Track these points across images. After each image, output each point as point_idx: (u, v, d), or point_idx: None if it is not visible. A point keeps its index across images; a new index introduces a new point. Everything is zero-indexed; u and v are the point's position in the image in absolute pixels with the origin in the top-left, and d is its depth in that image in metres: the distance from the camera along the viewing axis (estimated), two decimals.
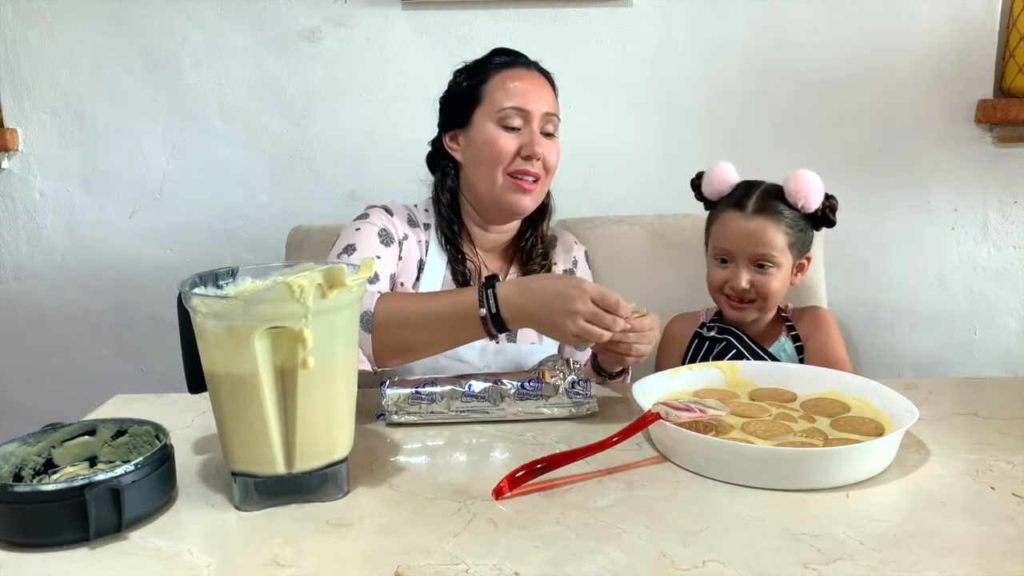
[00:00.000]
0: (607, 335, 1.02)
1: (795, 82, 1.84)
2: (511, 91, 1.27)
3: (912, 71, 1.82)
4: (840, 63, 1.82)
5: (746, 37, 1.82)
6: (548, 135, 1.30)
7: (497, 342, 1.22)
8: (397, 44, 1.83)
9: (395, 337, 1.08)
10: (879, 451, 0.88)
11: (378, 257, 1.25)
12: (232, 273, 0.88)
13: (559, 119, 1.32)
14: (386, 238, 1.28)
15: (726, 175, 1.35)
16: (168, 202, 1.91)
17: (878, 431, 0.94)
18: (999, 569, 0.69)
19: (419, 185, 1.85)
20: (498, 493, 0.83)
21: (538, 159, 1.27)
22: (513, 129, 1.27)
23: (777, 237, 1.29)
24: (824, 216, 1.32)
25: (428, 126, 1.84)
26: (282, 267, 0.89)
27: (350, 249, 1.25)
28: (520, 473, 0.85)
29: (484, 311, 1.05)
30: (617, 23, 1.82)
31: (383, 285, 1.23)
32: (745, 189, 1.33)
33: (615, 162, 1.86)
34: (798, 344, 1.36)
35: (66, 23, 1.82)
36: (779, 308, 1.40)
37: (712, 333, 1.39)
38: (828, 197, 1.32)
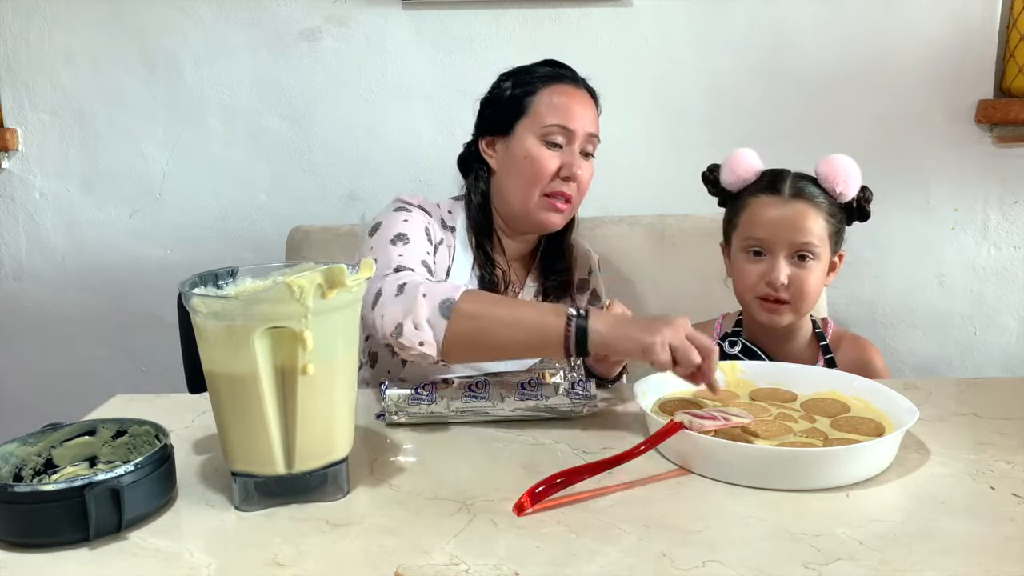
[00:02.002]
0: (697, 360, 0.94)
1: (795, 82, 1.84)
2: (558, 107, 1.24)
3: (912, 71, 1.82)
4: (840, 63, 1.82)
5: (746, 37, 1.82)
6: (587, 155, 1.27)
7: (571, 364, 1.12)
8: (397, 44, 1.83)
9: (473, 326, 1.01)
10: (879, 451, 0.88)
11: (428, 253, 1.22)
12: (232, 273, 0.88)
13: (599, 140, 1.30)
14: (429, 237, 1.25)
15: (750, 161, 1.25)
16: (168, 202, 1.91)
17: (878, 431, 0.94)
18: (999, 569, 0.69)
19: (419, 185, 1.86)
20: (519, 509, 0.80)
21: (575, 180, 1.25)
22: (555, 146, 1.24)
23: (818, 224, 1.18)
24: (860, 207, 1.21)
25: (428, 126, 1.85)
26: (282, 267, 0.89)
27: (403, 239, 1.19)
28: (540, 488, 0.82)
29: (572, 312, 0.99)
30: (617, 23, 1.82)
31: None
32: (775, 174, 1.23)
33: (615, 162, 1.85)
34: None
35: (66, 23, 1.82)
36: (813, 323, 1.31)
37: (735, 350, 1.29)
38: (863, 187, 1.22)
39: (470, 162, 1.35)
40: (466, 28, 1.82)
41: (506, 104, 1.28)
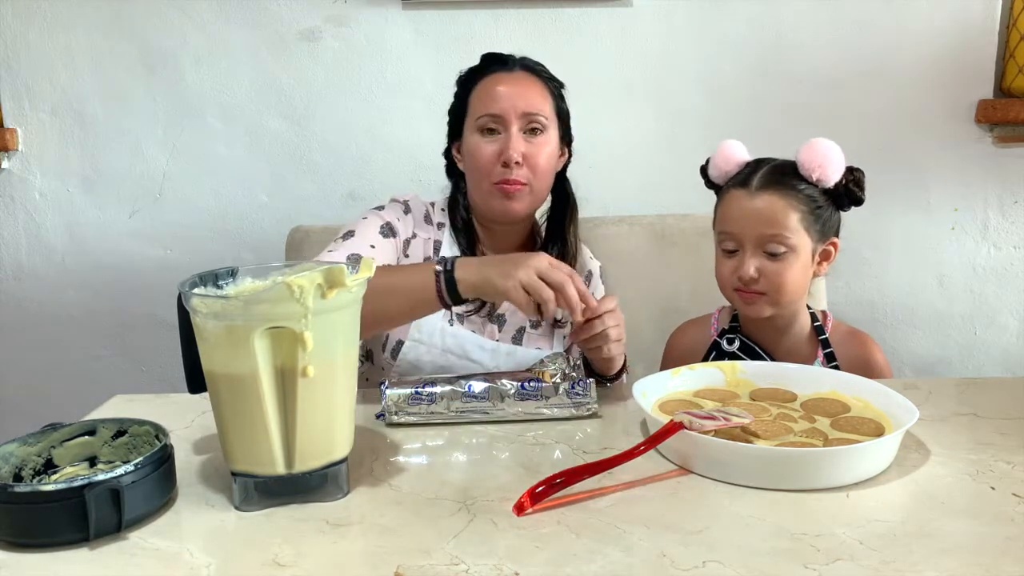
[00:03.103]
0: (550, 296, 1.00)
1: (795, 82, 1.84)
2: (486, 98, 1.27)
3: (912, 71, 1.82)
4: (840, 63, 1.82)
5: (746, 37, 1.82)
6: (533, 132, 1.26)
7: (450, 314, 1.24)
8: (397, 44, 1.83)
9: None
10: (879, 451, 0.88)
11: (372, 246, 1.25)
12: (232, 273, 0.88)
13: (546, 117, 1.27)
14: (388, 231, 1.29)
15: (731, 152, 1.23)
16: (168, 202, 1.91)
17: (878, 431, 0.94)
18: (999, 569, 0.69)
19: (419, 185, 1.86)
20: (519, 509, 0.80)
21: (519, 164, 1.24)
22: (492, 132, 1.26)
23: (788, 215, 1.15)
24: (848, 191, 1.17)
25: (428, 126, 1.84)
26: (282, 267, 0.89)
27: (348, 235, 1.26)
28: (540, 488, 0.82)
29: (439, 268, 1.05)
30: (617, 23, 1.82)
31: None
32: (753, 166, 1.21)
33: (615, 162, 1.86)
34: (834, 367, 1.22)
35: (66, 23, 1.82)
36: (812, 316, 1.29)
37: (734, 347, 1.28)
38: (851, 170, 1.17)
39: (452, 169, 1.39)
40: (466, 28, 1.82)
41: (456, 109, 1.34)
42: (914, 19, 1.80)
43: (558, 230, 1.37)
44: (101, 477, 0.74)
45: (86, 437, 0.88)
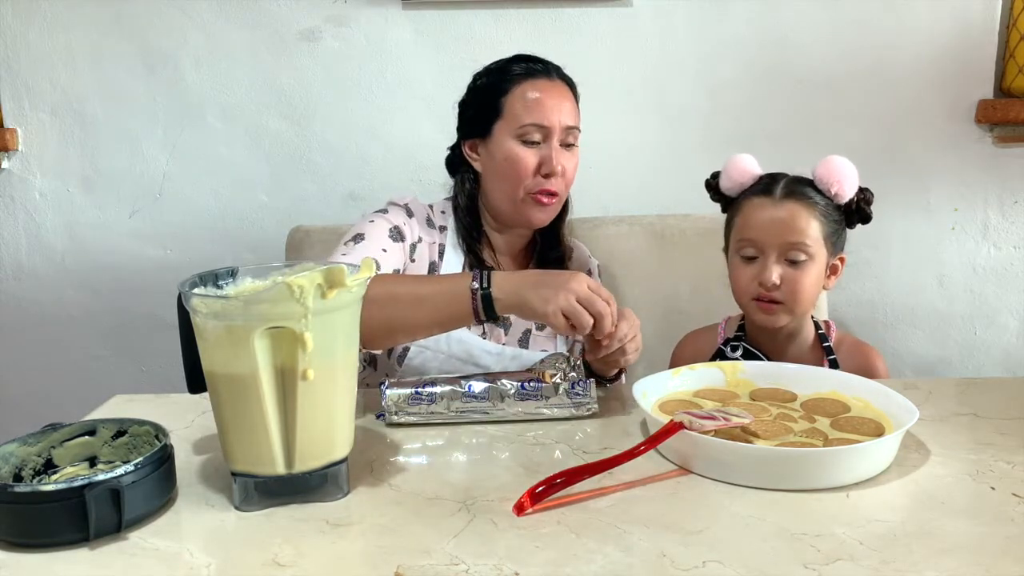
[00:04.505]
0: (589, 323, 1.00)
1: (795, 82, 1.84)
2: (531, 105, 1.25)
3: (912, 71, 1.82)
4: (840, 63, 1.82)
5: (746, 37, 1.82)
6: (568, 146, 1.28)
7: (483, 327, 1.21)
8: (397, 44, 1.83)
9: (383, 314, 1.06)
10: (879, 451, 0.88)
11: (384, 250, 1.24)
12: (232, 273, 0.88)
13: (579, 130, 1.29)
14: (397, 235, 1.27)
15: (746, 166, 1.26)
16: (168, 202, 1.91)
17: (878, 431, 0.94)
18: (999, 569, 0.69)
19: (419, 185, 1.86)
20: (519, 509, 0.80)
21: (558, 175, 1.25)
22: (533, 144, 1.25)
23: (811, 225, 1.18)
24: (859, 209, 1.22)
25: (428, 126, 1.85)
26: (282, 267, 0.89)
27: (358, 238, 1.25)
28: (540, 488, 0.82)
29: (476, 284, 1.04)
30: (617, 23, 1.82)
31: None
32: (771, 178, 1.24)
33: (615, 162, 1.86)
34: None
35: (66, 22, 1.83)
36: (815, 324, 1.30)
37: (737, 355, 1.29)
38: (862, 189, 1.22)
39: (456, 165, 1.36)
40: (466, 28, 1.82)
41: (481, 107, 1.29)
42: (914, 19, 1.80)
43: (556, 233, 1.37)
44: (101, 477, 0.74)
45: (86, 437, 0.88)
